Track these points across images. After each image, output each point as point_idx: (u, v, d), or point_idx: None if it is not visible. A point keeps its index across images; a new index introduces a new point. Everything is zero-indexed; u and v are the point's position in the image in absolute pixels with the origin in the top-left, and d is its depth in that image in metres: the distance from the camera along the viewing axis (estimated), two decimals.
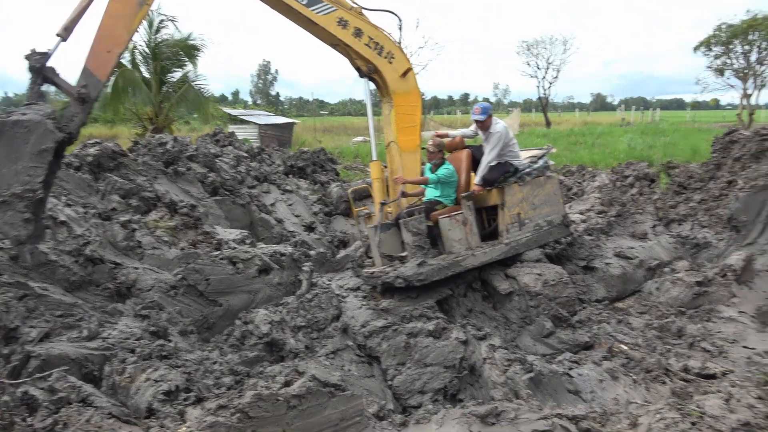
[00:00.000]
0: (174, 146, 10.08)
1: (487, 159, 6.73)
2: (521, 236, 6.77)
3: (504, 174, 6.75)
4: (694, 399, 3.76)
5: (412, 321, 5.59)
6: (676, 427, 3.00)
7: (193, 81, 20.52)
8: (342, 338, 5.21)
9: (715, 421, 3.12)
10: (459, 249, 6.53)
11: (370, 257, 7.27)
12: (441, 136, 7.25)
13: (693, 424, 3.06)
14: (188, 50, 20.23)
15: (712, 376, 4.89)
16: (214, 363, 4.76)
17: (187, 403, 3.76)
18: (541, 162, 7.01)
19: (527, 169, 6.87)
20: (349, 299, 6.40)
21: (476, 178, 6.85)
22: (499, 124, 6.80)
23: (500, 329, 6.30)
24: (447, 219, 6.58)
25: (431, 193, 6.98)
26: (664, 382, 4.83)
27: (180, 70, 20.68)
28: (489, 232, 7.02)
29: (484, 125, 6.86)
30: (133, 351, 4.43)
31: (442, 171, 6.85)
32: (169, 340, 4.93)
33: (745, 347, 5.54)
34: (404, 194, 7.18)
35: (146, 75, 20.07)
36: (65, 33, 5.19)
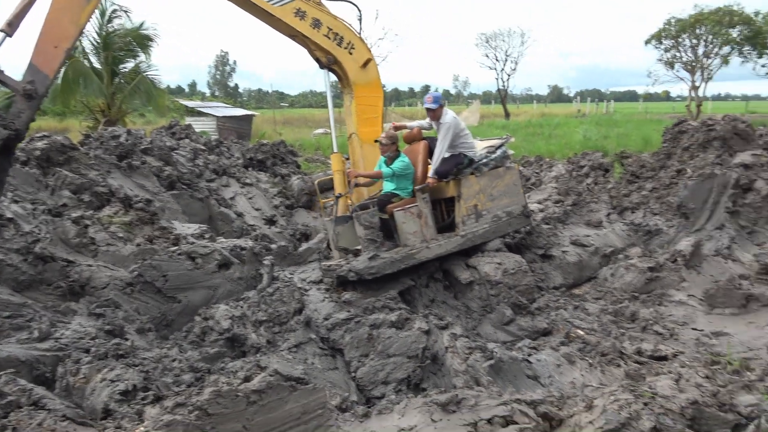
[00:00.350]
0: (128, 139, 9.78)
1: (438, 151, 6.71)
2: (478, 228, 6.80)
3: (457, 166, 6.73)
4: (647, 380, 3.91)
5: (374, 312, 5.60)
6: (629, 408, 3.10)
7: (145, 72, 19.91)
8: (305, 331, 5.18)
9: (665, 401, 3.25)
10: (414, 242, 6.52)
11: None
12: (398, 128, 7.19)
13: (645, 404, 3.17)
14: (141, 40, 19.60)
15: (664, 358, 5.09)
16: (173, 361, 4.67)
17: (145, 402, 3.68)
18: (498, 152, 6.99)
19: (484, 160, 6.87)
20: (311, 292, 6.38)
21: (430, 171, 6.84)
22: (448, 114, 6.73)
23: (462, 318, 6.38)
24: (401, 212, 6.55)
25: (388, 185, 6.94)
26: (618, 365, 4.99)
27: (133, 60, 20.05)
28: (447, 224, 7.04)
29: (435, 115, 6.82)
30: (87, 351, 4.30)
31: (397, 164, 6.76)
32: (126, 339, 4.81)
33: (694, 329, 5.78)
34: (357, 185, 7.20)
35: (97, 66, 19.36)
36: (9, 29, 4.96)
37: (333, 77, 7.59)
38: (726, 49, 30.87)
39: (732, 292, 6.10)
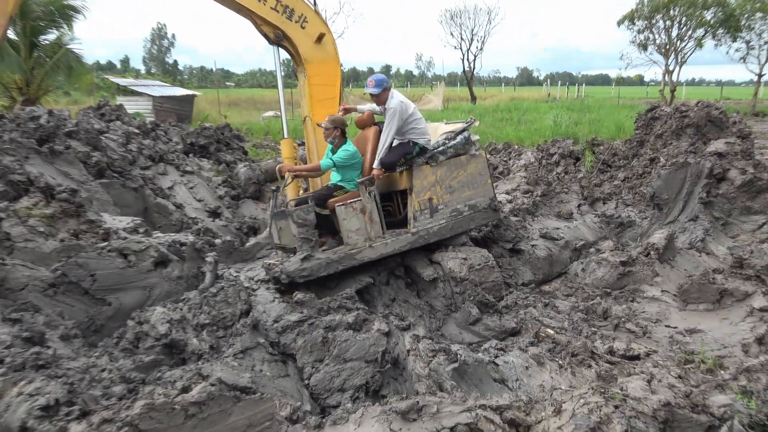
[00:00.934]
0: (49, 121, 9.39)
1: (384, 138, 6.52)
2: (433, 224, 6.70)
3: (405, 155, 6.60)
4: (619, 381, 4.02)
5: (329, 313, 5.56)
6: (599, 411, 3.18)
7: (67, 45, 19.16)
8: (252, 335, 5.10)
9: (637, 403, 3.34)
10: (357, 240, 6.42)
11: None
12: (348, 111, 7.00)
13: (616, 407, 3.26)
14: (63, 10, 18.83)
15: (636, 357, 5.25)
16: (103, 371, 4.52)
17: (69, 418, 3.54)
18: (459, 138, 6.83)
19: (440, 148, 6.73)
20: (260, 292, 6.30)
21: (375, 161, 6.66)
22: (394, 98, 6.54)
23: (425, 318, 6.42)
24: (342, 207, 6.41)
25: (334, 176, 6.78)
26: (590, 366, 5.12)
27: (55, 31, 19.25)
28: (401, 220, 6.94)
29: (379, 99, 6.63)
30: (1, 361, 4.11)
31: (340, 154, 6.57)
32: (48, 347, 4.62)
33: (667, 326, 5.99)
34: (299, 177, 7.11)
35: (14, 38, 18.51)
36: None
37: (285, 54, 7.46)
38: (700, 31, 32.03)
39: (706, 287, 6.34)
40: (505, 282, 7.05)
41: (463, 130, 6.94)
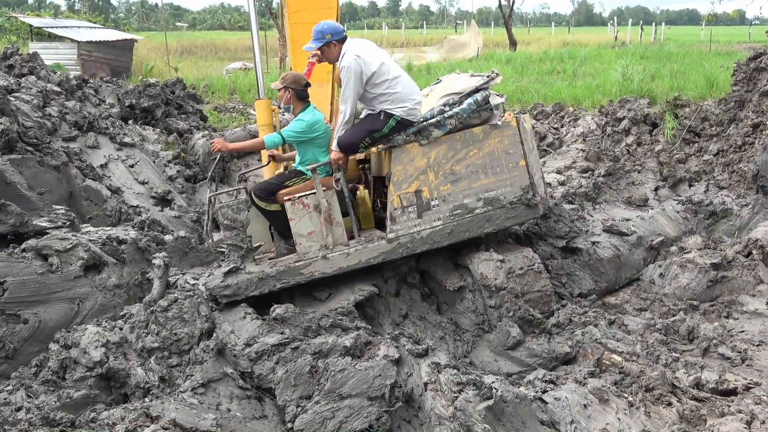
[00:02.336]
0: None
1: (342, 110, 6.32)
2: (421, 227, 6.49)
3: (371, 132, 6.36)
4: (708, 424, 4.06)
5: (320, 334, 5.59)
6: None
7: None
8: (217, 364, 5.16)
9: None
10: (309, 247, 6.39)
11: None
12: (320, 61, 6.65)
13: None
14: None
15: (732, 392, 5.27)
16: (18, 410, 4.59)
17: None
18: (467, 103, 6.42)
19: (432, 120, 6.36)
20: (226, 306, 6.34)
21: (333, 142, 6.52)
22: (348, 53, 6.22)
23: (448, 340, 6.45)
24: (290, 203, 6.36)
25: (299, 156, 6.74)
26: (669, 404, 5.14)
27: None
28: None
29: (327, 57, 6.39)
30: None
31: (292, 125, 6.46)
32: None
33: None
34: (273, 158, 7.14)
35: None
36: None
37: None
38: None
39: None
40: (557, 292, 7.06)
41: (476, 90, 6.52)
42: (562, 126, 14.58)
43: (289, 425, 4.88)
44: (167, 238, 8.03)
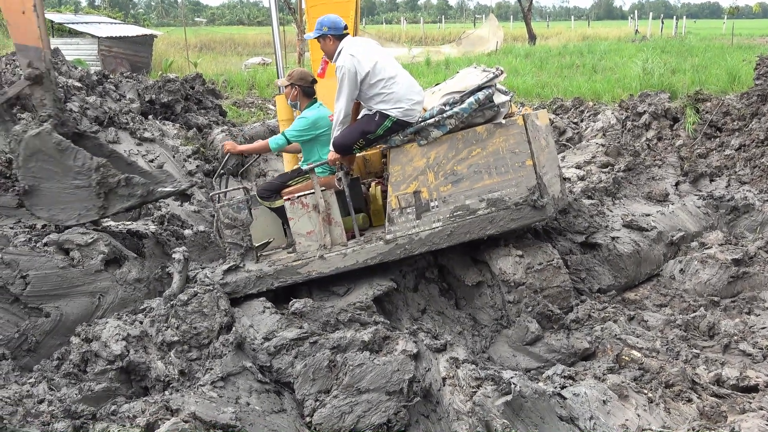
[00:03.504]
0: None
1: (335, 111, 6.29)
2: (420, 229, 6.39)
3: (365, 134, 6.25)
4: (729, 420, 4.03)
5: (338, 329, 5.61)
6: None
7: None
8: (236, 357, 5.18)
9: None
10: (308, 247, 6.45)
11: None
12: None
13: None
14: None
15: (753, 389, 5.24)
16: (41, 402, 4.64)
17: None
18: (468, 102, 6.22)
19: (433, 119, 6.22)
20: (245, 300, 6.37)
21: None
22: (343, 52, 6.19)
23: (466, 335, 6.45)
24: (290, 202, 6.43)
25: (305, 154, 6.84)
26: (689, 400, 5.12)
27: None
28: None
29: (324, 51, 6.41)
30: None
31: (295, 124, 6.57)
32: None
33: None
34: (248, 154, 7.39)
35: None
36: None
37: None
38: None
39: None
40: (575, 288, 7.04)
41: (479, 89, 6.28)
42: (581, 120, 14.50)
43: (308, 419, 4.90)
44: (187, 232, 8.07)
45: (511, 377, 5.03)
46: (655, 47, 27.27)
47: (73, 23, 28.56)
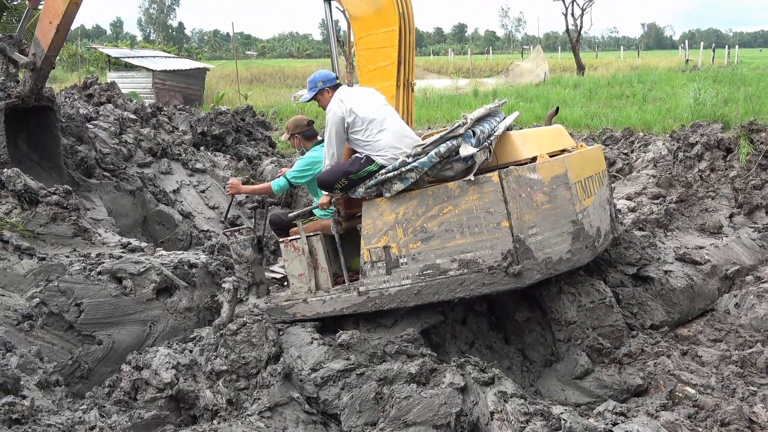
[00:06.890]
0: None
1: (325, 156, 6.42)
2: (389, 284, 6.15)
3: (347, 174, 6.14)
4: None
5: (385, 360, 5.59)
6: None
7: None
8: (283, 388, 5.21)
9: None
10: (299, 288, 6.54)
11: None
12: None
13: None
14: None
15: None
16: (92, 429, 4.70)
17: None
18: (429, 155, 5.77)
19: (394, 172, 5.88)
20: (293, 330, 6.40)
21: None
22: (334, 99, 6.34)
23: (514, 370, 6.38)
24: (283, 245, 6.57)
25: (313, 195, 7.03)
26: None
27: None
28: None
29: (322, 105, 6.53)
30: None
31: (295, 164, 6.75)
32: (23, 397, 4.85)
33: None
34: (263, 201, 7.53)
35: None
36: (33, 3, 8.87)
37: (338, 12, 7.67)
38: None
39: None
40: (627, 323, 6.92)
41: (441, 140, 5.79)
42: (632, 151, 14.38)
43: None
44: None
45: (561, 413, 4.96)
46: (706, 77, 26.97)
47: (128, 57, 29.40)
